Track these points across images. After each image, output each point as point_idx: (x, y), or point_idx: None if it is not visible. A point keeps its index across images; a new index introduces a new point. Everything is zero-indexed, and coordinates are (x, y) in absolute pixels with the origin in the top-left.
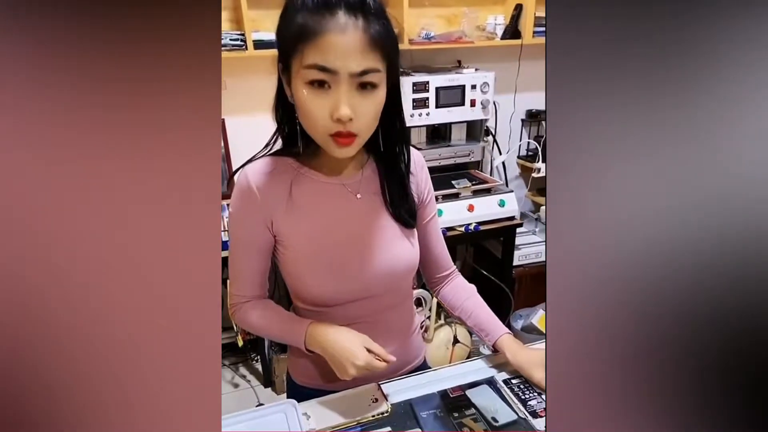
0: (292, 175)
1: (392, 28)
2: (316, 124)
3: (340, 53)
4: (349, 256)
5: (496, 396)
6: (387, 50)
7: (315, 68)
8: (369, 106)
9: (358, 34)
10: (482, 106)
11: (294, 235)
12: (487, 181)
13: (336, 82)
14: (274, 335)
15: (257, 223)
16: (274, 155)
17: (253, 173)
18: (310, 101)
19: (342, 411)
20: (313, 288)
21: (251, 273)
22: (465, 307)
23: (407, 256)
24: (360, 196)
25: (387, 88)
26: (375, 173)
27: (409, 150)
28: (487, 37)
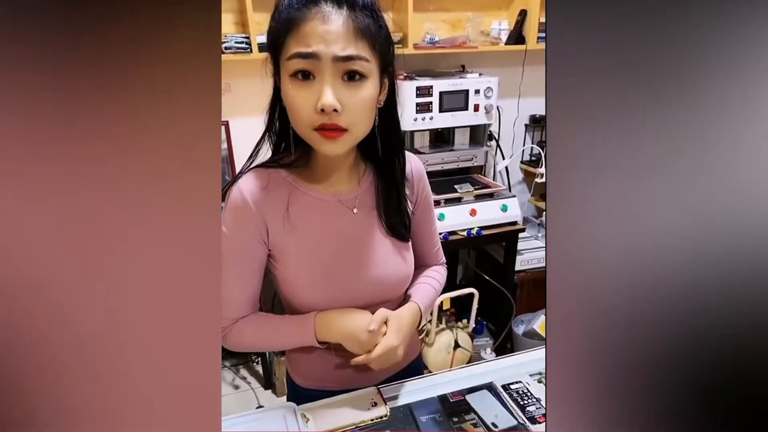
0: (288, 190)
1: (383, 23)
2: (301, 116)
3: (322, 38)
4: (344, 271)
5: (496, 401)
6: (375, 41)
7: (297, 57)
8: (357, 98)
9: (342, 20)
10: (486, 110)
11: (290, 250)
12: (490, 186)
13: (320, 71)
14: (278, 342)
15: (253, 238)
16: (266, 167)
17: (249, 189)
18: (295, 94)
19: (341, 414)
20: (307, 299)
21: (246, 295)
22: (415, 277)
23: (401, 270)
24: (356, 211)
25: (384, 87)
26: (372, 186)
27: (404, 155)
28: (492, 42)
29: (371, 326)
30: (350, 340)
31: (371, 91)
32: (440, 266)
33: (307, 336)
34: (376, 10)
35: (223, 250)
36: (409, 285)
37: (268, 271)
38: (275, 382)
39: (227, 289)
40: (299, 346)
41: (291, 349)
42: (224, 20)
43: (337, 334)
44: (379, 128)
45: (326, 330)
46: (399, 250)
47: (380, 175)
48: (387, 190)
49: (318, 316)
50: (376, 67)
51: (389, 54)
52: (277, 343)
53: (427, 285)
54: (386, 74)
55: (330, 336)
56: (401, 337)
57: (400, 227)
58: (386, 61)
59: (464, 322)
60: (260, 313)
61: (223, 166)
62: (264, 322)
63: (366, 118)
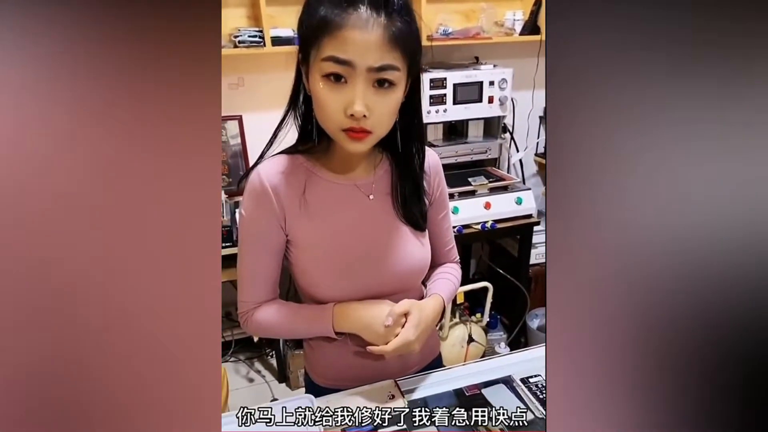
0: (305, 175)
1: (416, 26)
2: (330, 118)
3: (359, 47)
4: (360, 257)
5: (513, 395)
6: (408, 48)
7: (332, 61)
8: (385, 105)
9: (379, 30)
10: (500, 102)
11: (306, 235)
12: (504, 179)
13: (352, 76)
14: (296, 329)
15: (271, 223)
16: (285, 153)
17: (266, 173)
18: (326, 94)
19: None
20: (324, 287)
21: (265, 277)
22: (432, 273)
23: (418, 257)
24: (372, 197)
25: (407, 86)
26: (388, 173)
27: (424, 149)
28: (506, 32)
29: (387, 321)
30: (367, 330)
31: (398, 96)
32: (455, 264)
33: (325, 324)
34: (411, 12)
35: (241, 232)
36: (428, 280)
37: (285, 259)
38: (289, 375)
39: (246, 271)
40: (316, 336)
41: (309, 341)
42: (237, 14)
43: (355, 325)
44: (400, 122)
45: (344, 320)
46: (416, 236)
47: (398, 165)
48: (404, 179)
49: (337, 307)
50: (405, 73)
51: (418, 56)
52: (295, 330)
53: (446, 280)
54: (412, 74)
55: (348, 326)
56: (419, 331)
57: (418, 216)
58: (414, 63)
59: (478, 316)
60: (280, 300)
61: (237, 160)
62: (283, 309)
63: (390, 120)
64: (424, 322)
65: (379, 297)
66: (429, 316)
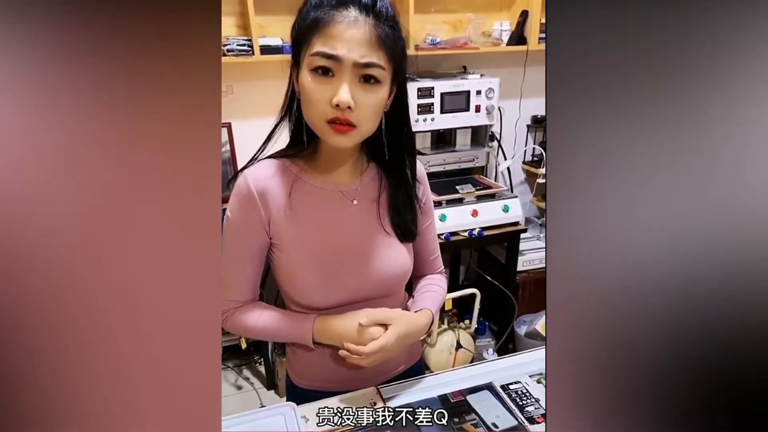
0: (291, 179)
1: (402, 35)
2: (316, 109)
3: (346, 43)
4: (343, 262)
5: (497, 401)
6: (393, 52)
7: (320, 55)
8: (369, 100)
9: (367, 28)
10: (487, 111)
11: (290, 239)
12: (492, 187)
13: (339, 70)
14: (275, 334)
15: (255, 225)
16: (273, 157)
17: (253, 177)
18: (313, 87)
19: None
20: (306, 292)
21: (246, 278)
22: (418, 285)
23: (400, 263)
24: (356, 202)
25: (392, 92)
26: (375, 181)
27: (415, 159)
28: (493, 43)
29: (362, 320)
30: (345, 337)
31: (383, 94)
32: (440, 275)
33: (305, 334)
34: (397, 22)
35: (225, 234)
36: (415, 292)
37: (270, 261)
38: (278, 382)
39: (227, 272)
40: (294, 342)
41: (289, 346)
42: (226, 23)
43: (333, 339)
44: (388, 131)
45: (324, 333)
46: (398, 243)
47: (390, 174)
48: (397, 189)
49: (318, 319)
50: (390, 74)
51: (403, 64)
52: (274, 333)
53: (434, 293)
54: (396, 81)
55: (326, 338)
56: (401, 341)
57: (410, 224)
58: (399, 69)
59: (466, 322)
60: (263, 303)
61: (227, 168)
62: (266, 313)
63: (374, 117)
64: (410, 336)
65: (361, 301)
66: (417, 330)
